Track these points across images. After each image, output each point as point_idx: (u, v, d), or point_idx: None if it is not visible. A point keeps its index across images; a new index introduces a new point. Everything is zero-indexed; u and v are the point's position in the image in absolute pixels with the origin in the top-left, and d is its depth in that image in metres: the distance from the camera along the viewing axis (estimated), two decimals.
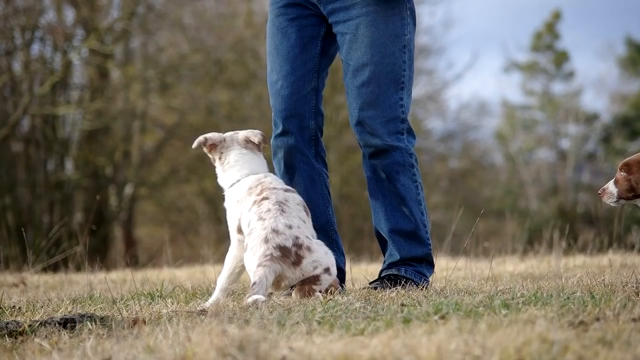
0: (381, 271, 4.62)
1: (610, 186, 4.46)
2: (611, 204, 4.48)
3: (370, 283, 4.58)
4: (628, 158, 4.48)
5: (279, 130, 4.62)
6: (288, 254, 4.08)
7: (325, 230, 4.61)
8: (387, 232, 4.58)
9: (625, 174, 4.42)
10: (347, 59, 4.55)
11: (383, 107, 4.53)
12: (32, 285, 6.57)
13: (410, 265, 4.55)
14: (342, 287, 4.60)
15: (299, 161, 4.62)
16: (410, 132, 4.63)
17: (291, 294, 4.22)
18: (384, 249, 4.69)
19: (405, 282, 4.46)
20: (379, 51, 4.51)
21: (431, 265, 4.63)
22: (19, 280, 6.78)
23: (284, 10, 4.63)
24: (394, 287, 4.38)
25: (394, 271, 4.53)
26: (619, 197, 4.44)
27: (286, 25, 4.62)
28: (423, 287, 4.43)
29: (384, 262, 4.63)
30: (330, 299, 4.07)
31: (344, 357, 2.85)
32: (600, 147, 28.87)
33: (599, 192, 4.50)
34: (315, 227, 4.50)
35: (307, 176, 4.63)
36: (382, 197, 4.57)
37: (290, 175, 4.63)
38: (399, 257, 4.55)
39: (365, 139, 4.54)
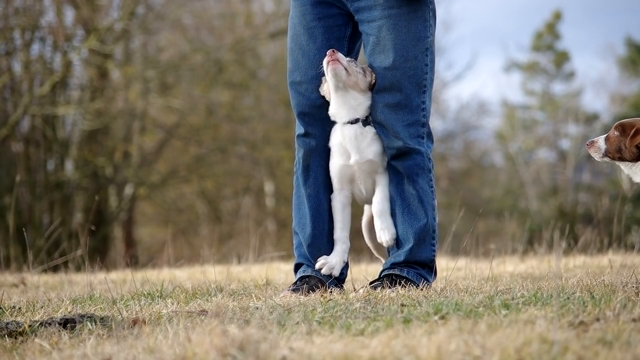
0: (383, 270, 4.61)
1: (600, 141, 4.51)
2: (596, 158, 4.53)
3: (371, 283, 4.57)
4: (625, 119, 4.51)
5: (302, 131, 4.63)
6: None
7: (328, 237, 4.62)
8: (401, 233, 4.55)
9: (618, 133, 4.46)
10: (370, 60, 4.55)
11: (405, 111, 4.51)
12: (32, 286, 6.57)
13: (413, 267, 4.54)
14: (342, 287, 4.61)
15: (317, 164, 4.62)
16: (429, 137, 4.62)
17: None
18: (388, 250, 4.68)
19: (406, 283, 4.45)
20: (401, 55, 4.48)
21: (432, 271, 4.62)
22: (19, 281, 6.77)
23: (310, 9, 4.60)
24: (394, 287, 4.38)
25: (396, 271, 4.52)
26: (605, 154, 4.49)
27: (313, 25, 4.60)
28: (423, 287, 4.42)
29: (387, 261, 4.61)
30: (331, 299, 4.08)
31: (344, 357, 2.85)
32: None
33: (587, 143, 4.54)
34: (320, 232, 4.57)
35: (322, 180, 4.63)
36: (401, 199, 4.55)
37: (306, 176, 4.64)
38: (403, 259, 4.53)
39: (389, 140, 4.52)
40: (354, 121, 4.52)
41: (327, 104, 4.58)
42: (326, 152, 4.62)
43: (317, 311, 3.67)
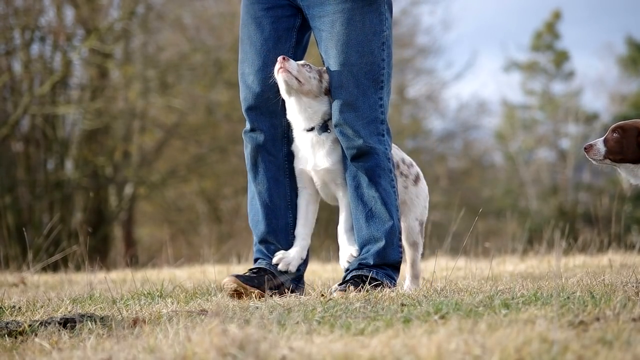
0: (350, 270, 4.47)
1: (599, 144, 4.46)
2: (594, 162, 4.49)
3: (339, 284, 4.43)
4: (623, 121, 4.49)
5: (249, 127, 4.52)
6: None
7: (284, 233, 4.52)
8: (367, 237, 4.46)
9: (618, 136, 4.43)
10: (324, 57, 4.43)
11: (363, 109, 4.39)
12: (32, 285, 6.57)
13: (382, 268, 4.45)
14: (299, 285, 4.54)
15: (265, 160, 4.51)
16: (389, 133, 4.51)
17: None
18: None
19: (376, 286, 4.33)
20: (356, 50, 4.37)
21: (398, 271, 4.54)
22: (19, 280, 6.78)
23: None
24: (359, 287, 4.28)
25: (365, 272, 4.39)
26: (605, 157, 4.45)
27: (261, 15, 4.47)
28: (391, 287, 4.36)
29: (353, 262, 4.47)
30: (330, 299, 4.08)
31: (344, 357, 2.85)
32: None
33: (585, 146, 4.49)
34: (274, 229, 4.47)
35: (271, 176, 4.52)
36: (365, 203, 4.44)
37: (254, 172, 4.53)
38: (372, 261, 4.43)
39: (348, 140, 4.40)
40: (310, 129, 4.44)
41: (274, 97, 4.45)
42: (274, 147, 4.51)
43: (317, 311, 3.67)
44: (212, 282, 5.50)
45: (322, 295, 4.28)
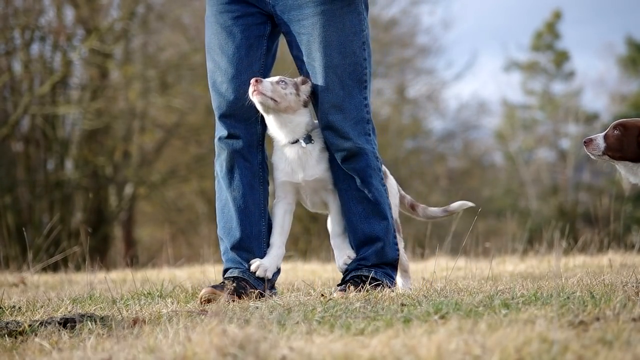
0: (349, 271, 4.46)
1: (599, 139, 4.47)
2: (593, 156, 4.49)
3: (338, 285, 4.44)
4: (624, 119, 4.48)
5: (225, 133, 4.48)
6: None
7: (257, 241, 4.48)
8: (363, 238, 4.45)
9: (619, 133, 4.43)
10: (307, 61, 4.40)
11: (349, 109, 4.39)
12: (32, 285, 6.58)
13: (381, 267, 4.45)
14: (274, 291, 4.52)
15: (241, 166, 4.48)
16: (374, 132, 4.50)
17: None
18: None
19: (376, 285, 4.34)
20: (339, 52, 4.36)
21: (396, 269, 4.55)
22: (19, 280, 6.78)
23: (228, 7, 4.44)
24: (360, 286, 4.28)
25: (364, 272, 4.40)
26: (604, 153, 4.45)
27: (231, 23, 4.45)
28: (391, 287, 4.37)
29: (352, 262, 4.47)
30: (330, 299, 4.08)
31: (344, 357, 2.85)
32: None
33: (585, 140, 4.49)
34: (249, 236, 4.44)
35: (247, 182, 4.49)
36: (359, 204, 4.43)
37: (230, 178, 4.49)
38: (371, 261, 4.43)
39: (337, 143, 4.39)
40: (295, 141, 4.42)
41: (249, 104, 4.41)
42: (250, 154, 4.49)
43: (317, 311, 3.67)
44: (212, 282, 5.50)
45: (322, 295, 4.28)
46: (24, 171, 16.06)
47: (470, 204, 4.99)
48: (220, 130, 4.50)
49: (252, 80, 4.33)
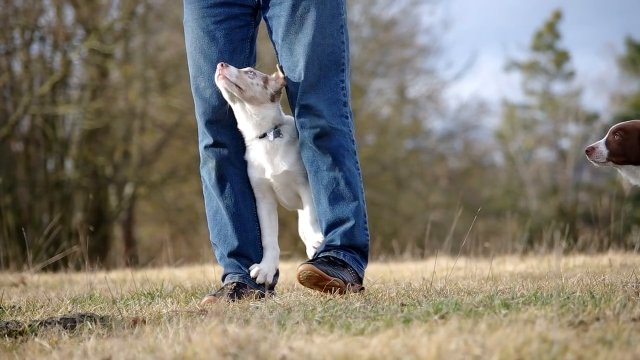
0: (318, 253, 4.39)
1: (601, 146, 4.44)
2: (597, 164, 4.48)
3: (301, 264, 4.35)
4: (622, 123, 4.48)
5: (210, 141, 4.47)
6: None
7: (254, 246, 4.46)
8: (332, 220, 4.38)
9: (620, 138, 4.42)
10: (284, 42, 4.37)
11: (325, 90, 4.35)
12: (32, 285, 6.58)
13: (349, 252, 4.38)
14: (273, 292, 4.50)
15: (231, 173, 4.46)
16: (351, 116, 4.46)
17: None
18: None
19: (344, 267, 4.28)
20: (319, 32, 4.33)
21: (366, 258, 4.47)
22: (19, 280, 6.78)
23: (210, 11, 4.40)
24: (332, 268, 4.22)
25: (332, 253, 4.33)
26: (608, 159, 4.44)
27: (214, 28, 4.40)
28: (359, 272, 4.33)
29: (322, 244, 4.40)
30: (330, 299, 4.08)
31: (344, 357, 2.85)
32: None
33: (586, 149, 4.47)
34: (245, 243, 4.42)
35: (238, 189, 4.46)
36: (326, 186, 4.37)
37: (221, 186, 4.46)
38: (339, 242, 4.36)
39: (310, 120, 4.33)
40: (262, 136, 4.38)
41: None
42: (238, 159, 4.46)
43: (317, 311, 3.67)
44: (212, 282, 5.50)
45: (322, 295, 4.28)
46: (24, 171, 16.06)
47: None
48: (206, 138, 4.49)
49: (218, 65, 4.29)
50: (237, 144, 4.46)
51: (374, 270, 6.73)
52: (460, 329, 3.10)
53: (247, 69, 4.36)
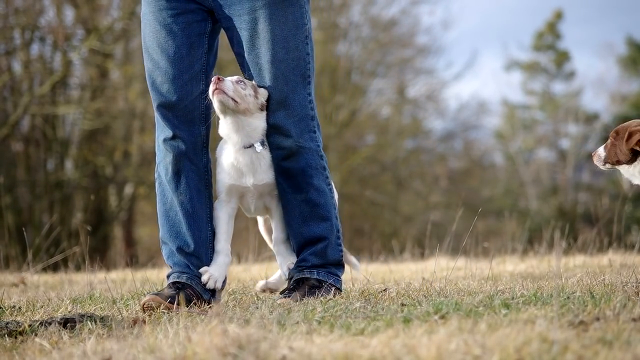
0: (292, 277, 4.34)
1: (601, 150, 4.60)
2: (599, 167, 4.62)
3: (282, 292, 4.32)
4: (620, 125, 4.58)
5: (169, 134, 4.32)
6: None
7: (205, 247, 4.35)
8: (304, 241, 4.34)
9: (612, 140, 4.56)
10: (250, 56, 4.27)
11: (294, 106, 4.26)
12: (32, 285, 6.58)
13: (323, 267, 4.33)
14: (217, 299, 4.42)
15: (188, 169, 4.34)
16: (319, 128, 4.38)
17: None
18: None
19: (319, 286, 4.24)
20: (282, 46, 4.22)
21: (342, 267, 4.43)
22: (19, 280, 6.78)
23: (167, 4, 4.28)
24: (309, 292, 4.18)
25: (306, 274, 4.29)
26: (605, 162, 4.58)
27: (171, 21, 4.29)
28: (337, 289, 4.30)
29: (294, 267, 4.36)
30: (330, 299, 4.08)
31: (344, 357, 2.85)
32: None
33: (592, 153, 4.64)
34: (197, 241, 4.31)
35: (194, 186, 4.35)
36: (297, 206, 4.31)
37: (176, 181, 4.34)
38: (311, 262, 4.32)
39: (277, 141, 4.27)
40: (249, 146, 4.29)
41: (193, 104, 4.31)
42: (196, 156, 4.34)
43: (317, 311, 3.67)
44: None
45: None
46: (24, 171, 16.06)
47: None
48: (164, 131, 4.34)
49: (214, 79, 4.21)
50: (195, 140, 4.34)
51: (374, 271, 6.73)
52: (460, 329, 3.10)
53: (236, 78, 4.28)
